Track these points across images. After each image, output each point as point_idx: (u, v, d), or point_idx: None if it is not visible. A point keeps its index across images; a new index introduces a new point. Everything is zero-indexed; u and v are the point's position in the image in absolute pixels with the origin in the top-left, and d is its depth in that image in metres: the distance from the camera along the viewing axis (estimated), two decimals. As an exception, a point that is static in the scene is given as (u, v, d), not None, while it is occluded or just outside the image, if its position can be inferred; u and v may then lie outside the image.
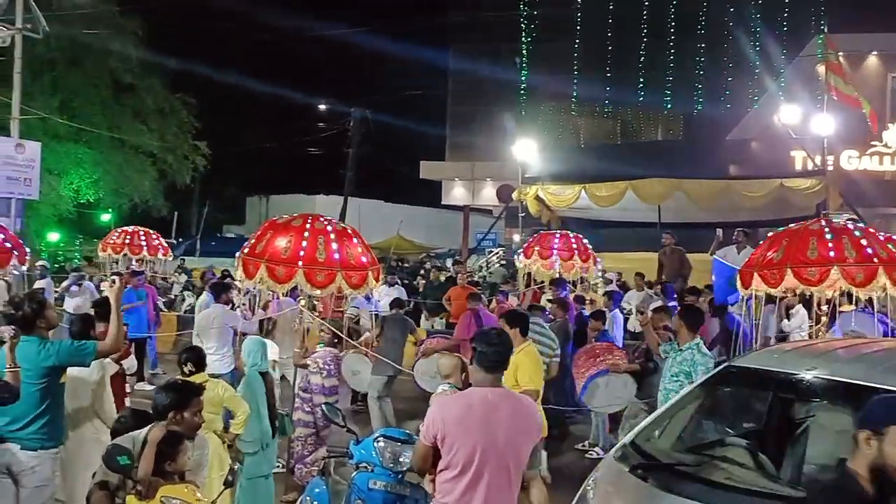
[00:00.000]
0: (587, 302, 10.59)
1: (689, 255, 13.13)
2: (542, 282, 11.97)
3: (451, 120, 30.51)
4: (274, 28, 34.53)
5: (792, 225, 7.45)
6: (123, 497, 3.42)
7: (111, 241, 15.60)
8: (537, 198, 17.55)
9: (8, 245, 7.87)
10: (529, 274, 12.30)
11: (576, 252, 11.50)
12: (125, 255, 15.43)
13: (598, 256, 12.28)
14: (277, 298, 8.10)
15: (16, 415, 4.18)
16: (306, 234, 6.63)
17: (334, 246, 6.61)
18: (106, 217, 29.57)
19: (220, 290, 8.98)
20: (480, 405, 3.34)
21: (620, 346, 9.06)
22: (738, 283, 7.27)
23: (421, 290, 16.23)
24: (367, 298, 10.24)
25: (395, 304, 9.22)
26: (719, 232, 12.79)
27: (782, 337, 8.64)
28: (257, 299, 8.03)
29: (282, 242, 6.60)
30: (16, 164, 16.91)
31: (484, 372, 3.40)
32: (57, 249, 25.92)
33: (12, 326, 4.22)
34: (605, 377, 7.48)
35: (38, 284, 12.26)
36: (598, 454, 7.86)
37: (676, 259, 12.71)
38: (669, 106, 26.57)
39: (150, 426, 3.73)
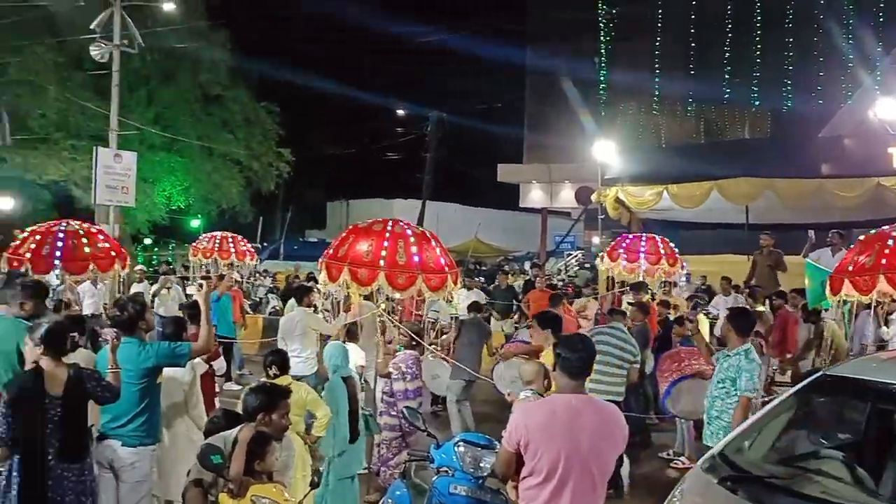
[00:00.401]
0: (671, 307, 10.33)
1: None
2: (625, 285, 11.75)
3: (528, 122, 30.30)
4: (354, 34, 35.20)
5: (885, 227, 7.06)
6: (216, 495, 3.55)
7: (201, 246, 16.28)
8: (617, 199, 17.24)
9: (111, 251, 8.29)
10: (611, 277, 12.09)
11: (663, 255, 11.23)
12: (214, 259, 16.06)
13: (683, 259, 11.97)
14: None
15: (117, 413, 4.40)
16: (387, 237, 6.78)
17: (414, 249, 6.75)
18: (196, 223, 30.84)
19: (303, 293, 9.22)
20: (564, 411, 3.31)
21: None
22: (828, 289, 6.94)
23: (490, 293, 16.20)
24: (446, 302, 10.32)
25: (473, 307, 9.22)
26: (811, 233, 12.20)
27: (881, 345, 8.20)
28: (340, 303, 8.19)
29: (363, 246, 6.76)
30: (114, 173, 17.79)
31: (568, 378, 3.37)
32: (151, 254, 27.19)
33: (114, 329, 4.46)
34: (689, 382, 7.28)
35: (135, 288, 12.85)
36: (683, 464, 7.65)
37: (773, 261, 12.14)
38: (756, 102, 25.57)
39: (240, 427, 3.86)
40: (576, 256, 28.34)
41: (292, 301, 10.40)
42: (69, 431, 3.98)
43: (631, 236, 12.06)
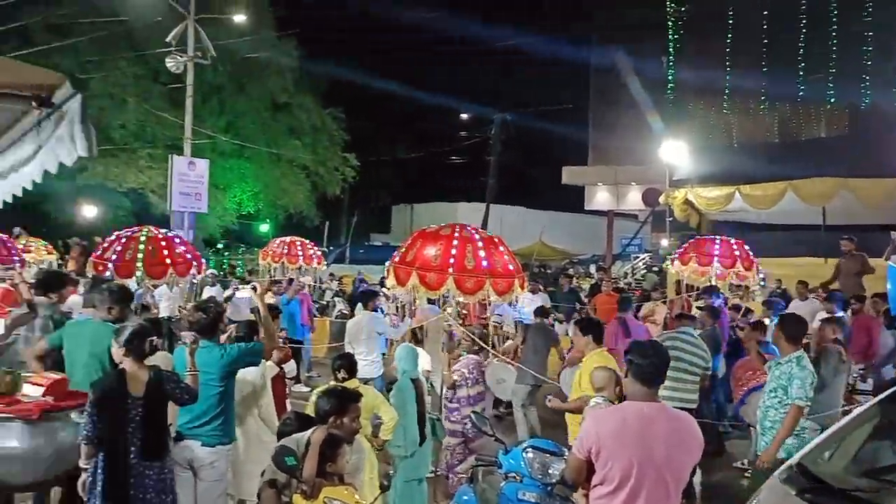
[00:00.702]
0: (745, 311, 10.04)
1: (860, 261, 12.05)
2: (695, 289, 11.48)
3: (593, 123, 29.93)
4: (418, 38, 35.46)
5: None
6: (290, 495, 3.64)
7: (271, 251, 16.68)
8: (686, 201, 16.86)
9: (188, 255, 8.61)
10: (680, 281, 11.83)
11: (738, 259, 10.90)
12: (283, 263, 16.44)
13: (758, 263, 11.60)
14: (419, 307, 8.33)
15: (196, 414, 4.55)
16: (455, 242, 6.81)
17: (482, 253, 6.78)
18: (264, 227, 31.61)
19: (368, 297, 9.36)
20: (636, 419, 3.26)
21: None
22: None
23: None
24: (511, 306, 10.27)
25: (540, 312, 9.15)
26: (894, 235, 11.64)
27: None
28: (407, 307, 8.28)
29: (431, 251, 6.81)
30: (188, 180, 18.44)
31: (640, 385, 3.32)
32: (222, 258, 28.03)
33: (193, 332, 4.62)
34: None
35: (207, 292, 13.24)
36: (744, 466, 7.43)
37: (859, 265, 11.60)
38: (833, 99, 24.59)
39: (312, 429, 3.94)
40: (643, 259, 27.80)
41: (361, 305, 10.55)
42: (150, 431, 4.12)
43: (703, 239, 11.77)
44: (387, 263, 7.51)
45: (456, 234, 6.92)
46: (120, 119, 22.90)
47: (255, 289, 5.32)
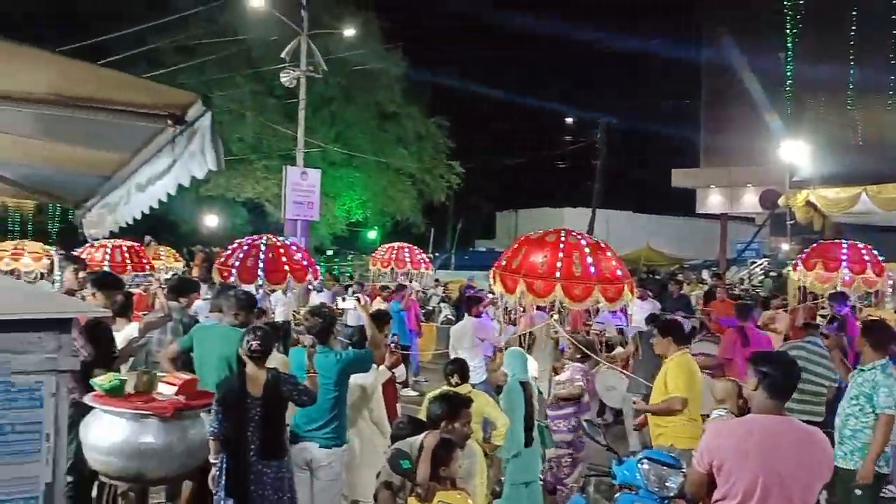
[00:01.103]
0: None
1: None
2: (819, 297, 10.83)
3: (705, 123, 28.88)
4: (523, 44, 35.46)
5: None
6: (405, 497, 3.70)
7: (379, 257, 17.06)
8: (808, 203, 15.94)
9: (305, 262, 8.96)
10: (802, 287, 11.20)
11: (868, 264, 10.22)
12: (392, 269, 16.77)
13: (889, 268, 10.83)
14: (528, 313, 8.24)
15: (313, 416, 4.71)
16: (562, 248, 6.68)
17: (590, 260, 6.61)
18: (372, 234, 32.37)
19: (471, 303, 9.42)
20: (762, 433, 3.11)
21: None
22: None
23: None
24: (612, 313, 10.03)
25: (652, 319, 8.88)
26: None
27: None
28: (512, 313, 8.23)
29: (538, 258, 6.70)
30: (301, 189, 19.12)
31: (770, 398, 3.17)
32: (332, 265, 28.91)
33: (311, 336, 4.79)
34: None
35: (315, 298, 13.63)
36: (892, 493, 6.90)
37: None
38: (971, 91, 22.69)
39: (424, 433, 4.00)
40: (761, 265, 26.50)
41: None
42: (267, 431, 4.27)
43: (829, 243, 11.10)
44: (490, 270, 7.47)
45: (562, 241, 6.76)
46: (238, 133, 24.10)
47: (359, 300, 5.48)
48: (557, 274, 6.51)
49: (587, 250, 6.71)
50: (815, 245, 11.44)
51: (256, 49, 23.43)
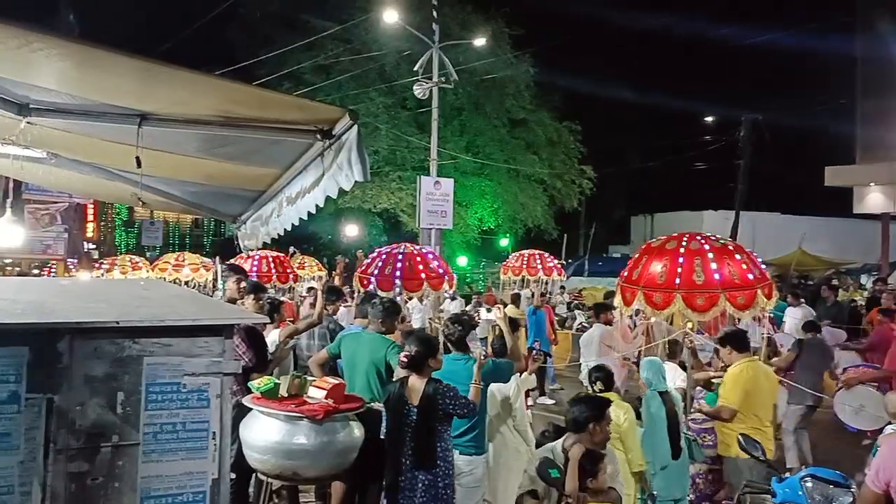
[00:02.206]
0: None
1: None
2: None
3: (861, 116, 26.69)
4: (657, 41, 34.34)
5: None
6: (550, 507, 3.66)
7: (510, 265, 17.06)
8: None
9: (441, 270, 9.12)
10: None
11: None
12: (524, 276, 16.72)
13: None
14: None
15: (456, 425, 4.77)
16: (681, 256, 6.29)
17: (713, 266, 6.15)
18: (504, 242, 32.40)
19: (600, 309, 9.23)
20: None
21: None
22: None
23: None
24: (755, 320, 9.44)
25: (810, 326, 8.32)
26: None
27: None
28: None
29: (657, 267, 6.34)
30: (434, 199, 19.47)
31: None
32: (465, 273, 29.21)
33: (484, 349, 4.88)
34: None
35: (448, 306, 13.80)
36: None
37: None
38: None
39: (564, 437, 3.94)
40: (928, 268, 24.15)
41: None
42: (420, 440, 4.32)
43: None
44: (616, 281, 7.18)
45: (682, 248, 6.35)
46: (374, 146, 24.94)
47: (499, 310, 5.51)
48: (677, 284, 6.10)
49: (711, 256, 6.24)
50: None
51: (389, 63, 24.19)
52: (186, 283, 15.02)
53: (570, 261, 31.60)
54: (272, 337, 5.74)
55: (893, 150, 24.18)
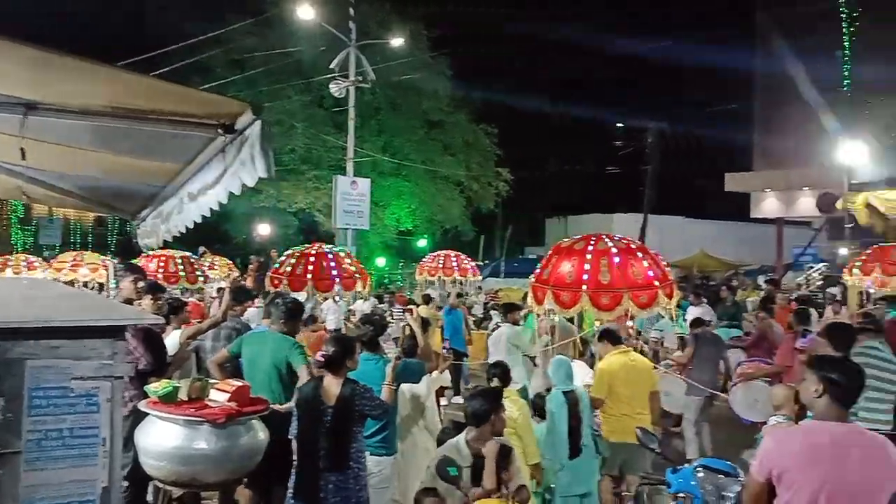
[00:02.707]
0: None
1: None
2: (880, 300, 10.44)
3: (759, 126, 28.23)
4: (570, 49, 35.16)
5: None
6: (451, 504, 3.68)
7: (427, 265, 17.11)
8: (868, 205, 15.38)
9: (354, 271, 9.03)
10: (865, 292, 10.82)
11: (930, 267, 9.83)
12: (439, 277, 16.80)
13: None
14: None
15: (367, 425, 4.72)
16: (588, 256, 6.49)
17: (618, 266, 6.39)
18: (422, 243, 32.48)
19: (508, 309, 9.41)
20: (826, 441, 3.00)
21: None
22: None
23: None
24: (672, 320, 9.82)
25: (697, 324, 8.69)
26: None
27: None
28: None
29: (566, 267, 6.53)
30: (351, 199, 19.34)
31: (836, 405, 3.05)
32: (383, 274, 29.11)
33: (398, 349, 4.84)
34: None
35: (359, 307, 13.69)
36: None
37: None
38: None
39: (465, 431, 3.99)
40: (819, 270, 25.73)
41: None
42: (334, 440, 4.25)
43: (889, 246, 10.71)
44: (528, 281, 7.32)
45: (590, 248, 6.58)
46: (289, 144, 24.51)
47: (411, 311, 5.51)
48: (584, 284, 6.31)
49: (616, 256, 6.47)
50: (872, 248, 11.04)
51: (306, 61, 23.83)
52: (85, 283, 14.34)
53: (486, 262, 31.97)
54: (172, 339, 5.55)
55: (787, 159, 25.62)
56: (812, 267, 26.61)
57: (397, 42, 22.49)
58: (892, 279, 9.99)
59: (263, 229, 27.61)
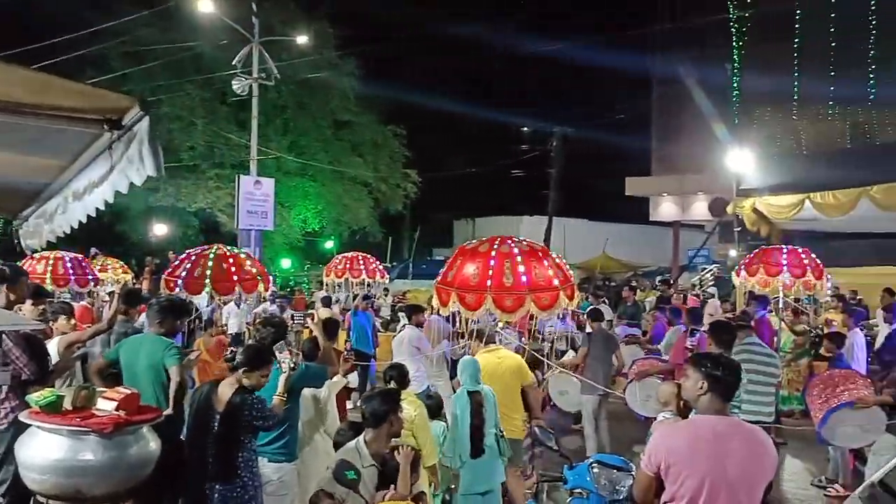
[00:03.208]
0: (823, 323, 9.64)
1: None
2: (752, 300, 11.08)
3: (656, 132, 29.43)
4: (476, 53, 35.61)
5: None
6: (350, 508, 3.64)
7: (334, 267, 16.91)
8: (755, 210, 16.33)
9: (255, 272, 8.76)
10: (750, 292, 11.45)
11: (808, 268, 10.50)
12: (346, 279, 16.63)
13: (829, 272, 11.10)
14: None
15: (263, 433, 4.62)
16: (493, 258, 6.56)
17: (521, 269, 6.48)
18: (329, 244, 32.10)
19: (412, 311, 9.43)
20: (709, 435, 3.15)
21: (864, 372, 8.11)
22: None
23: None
24: (562, 320, 10.06)
25: (594, 315, 8.83)
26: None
27: None
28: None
29: (470, 269, 6.58)
30: (254, 199, 18.87)
31: (717, 399, 3.21)
32: (288, 275, 28.57)
33: (293, 356, 4.71)
34: (849, 410, 6.65)
35: (270, 308, 13.44)
36: (837, 491, 7.05)
37: None
38: (909, 101, 23.49)
39: (363, 433, 3.96)
40: (711, 271, 27.08)
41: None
42: (220, 448, 4.16)
43: (771, 248, 11.38)
44: (433, 283, 7.34)
45: (494, 251, 6.64)
46: (189, 141, 23.69)
47: (312, 316, 5.42)
48: (488, 285, 6.36)
49: (519, 259, 6.55)
50: (756, 251, 11.71)
51: (206, 55, 23.10)
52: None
53: (394, 263, 31.92)
54: (51, 346, 5.24)
55: (682, 164, 26.83)
56: (705, 268, 27.98)
57: (302, 40, 22.13)
58: (774, 279, 10.59)
59: (161, 229, 26.56)
